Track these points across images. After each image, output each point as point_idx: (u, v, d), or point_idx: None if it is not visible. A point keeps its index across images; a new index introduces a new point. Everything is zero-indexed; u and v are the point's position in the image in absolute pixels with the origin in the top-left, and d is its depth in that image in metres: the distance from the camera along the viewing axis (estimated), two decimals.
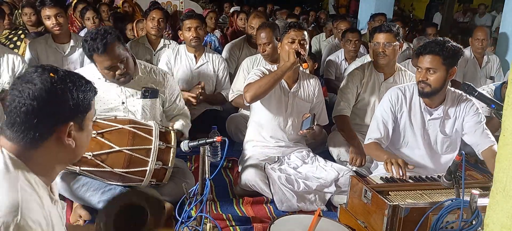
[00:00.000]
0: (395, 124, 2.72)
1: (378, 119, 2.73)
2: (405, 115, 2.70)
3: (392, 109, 2.70)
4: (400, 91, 2.71)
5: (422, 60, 2.54)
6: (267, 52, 3.61)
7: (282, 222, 2.24)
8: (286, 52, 2.80)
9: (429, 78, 2.52)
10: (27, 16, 4.69)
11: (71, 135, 1.25)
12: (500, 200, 1.19)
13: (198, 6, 8.63)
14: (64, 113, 1.23)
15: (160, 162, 2.37)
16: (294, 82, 2.95)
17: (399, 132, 2.74)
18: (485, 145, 2.60)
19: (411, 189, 2.25)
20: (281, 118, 2.94)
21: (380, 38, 3.23)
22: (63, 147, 1.24)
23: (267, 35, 3.59)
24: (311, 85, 3.01)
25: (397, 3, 11.60)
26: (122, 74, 2.55)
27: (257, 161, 2.84)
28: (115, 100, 2.66)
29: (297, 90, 2.95)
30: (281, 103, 2.92)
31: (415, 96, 2.69)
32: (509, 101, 1.19)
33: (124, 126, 2.36)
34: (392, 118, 2.70)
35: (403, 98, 2.70)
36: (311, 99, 2.99)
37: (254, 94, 2.72)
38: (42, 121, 1.19)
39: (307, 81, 3.01)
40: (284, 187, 2.64)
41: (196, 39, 3.74)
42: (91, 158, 2.25)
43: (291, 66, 2.76)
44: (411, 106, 2.69)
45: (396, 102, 2.70)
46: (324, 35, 6.60)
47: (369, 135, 2.73)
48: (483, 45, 4.76)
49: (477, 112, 2.64)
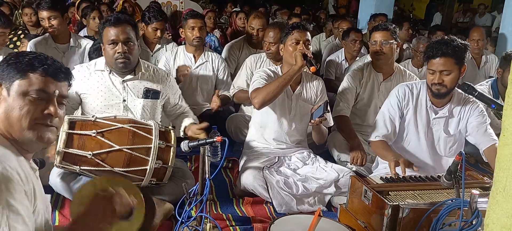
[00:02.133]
0: (401, 120, 2.73)
1: (385, 115, 2.73)
2: (411, 112, 2.71)
3: (399, 105, 2.70)
4: (408, 88, 2.72)
5: (434, 63, 2.51)
6: (272, 51, 3.60)
7: (282, 222, 2.23)
8: (291, 54, 2.78)
9: (444, 80, 2.51)
10: (27, 17, 4.70)
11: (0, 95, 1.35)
12: (500, 200, 1.18)
13: (198, 6, 8.62)
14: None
15: (160, 161, 2.37)
16: (297, 84, 2.93)
17: (403, 128, 2.74)
18: (487, 143, 2.60)
19: (411, 189, 2.25)
20: (284, 120, 2.93)
21: (377, 36, 3.25)
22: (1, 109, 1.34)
23: (275, 35, 3.57)
24: (314, 86, 2.98)
25: (397, 3, 11.60)
26: (122, 53, 2.55)
27: (256, 164, 2.82)
28: (117, 97, 2.66)
29: (300, 92, 2.93)
30: (284, 106, 2.90)
31: (422, 94, 2.70)
32: (509, 101, 1.18)
33: (124, 125, 2.36)
34: (399, 114, 2.71)
35: (410, 94, 2.70)
36: (313, 101, 2.97)
37: (263, 100, 2.70)
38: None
39: (310, 83, 2.98)
40: (282, 191, 2.64)
41: (199, 39, 3.75)
42: (91, 157, 2.26)
43: (299, 70, 2.74)
44: (417, 104, 2.70)
45: (403, 98, 2.70)
46: (324, 35, 6.60)
47: (377, 132, 2.72)
48: (479, 46, 4.76)
49: (482, 114, 2.65)
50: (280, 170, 2.84)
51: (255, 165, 2.80)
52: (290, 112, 2.92)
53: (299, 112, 2.94)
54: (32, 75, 1.35)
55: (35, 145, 1.38)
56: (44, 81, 1.36)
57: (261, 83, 2.78)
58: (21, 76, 1.34)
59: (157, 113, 2.80)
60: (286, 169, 2.86)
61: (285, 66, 2.91)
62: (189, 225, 2.20)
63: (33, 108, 1.34)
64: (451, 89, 2.57)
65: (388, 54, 3.25)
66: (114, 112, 2.60)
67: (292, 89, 2.91)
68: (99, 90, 2.64)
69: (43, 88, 1.36)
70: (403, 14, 12.51)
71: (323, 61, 5.42)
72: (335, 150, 3.25)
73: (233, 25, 6.46)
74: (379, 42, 3.23)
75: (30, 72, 1.35)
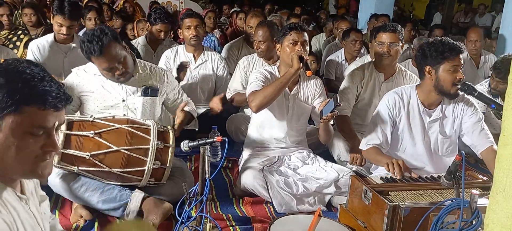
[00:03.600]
0: (393, 129, 2.70)
1: (376, 124, 2.70)
2: (403, 119, 2.67)
3: (390, 115, 2.66)
4: (397, 95, 2.68)
5: (458, 60, 2.50)
6: (261, 50, 3.63)
7: (282, 222, 2.23)
8: (288, 55, 2.78)
9: (462, 76, 2.52)
10: (27, 17, 4.69)
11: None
12: (500, 200, 1.18)
13: (198, 6, 8.63)
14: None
15: (158, 162, 2.37)
16: (294, 84, 2.92)
17: (398, 136, 2.71)
18: (483, 146, 2.59)
19: (411, 189, 2.25)
20: (283, 121, 2.92)
21: (384, 38, 3.22)
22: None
23: (264, 33, 3.61)
24: (311, 86, 2.97)
25: (397, 3, 11.60)
26: (121, 73, 2.55)
27: (256, 163, 2.82)
28: (116, 98, 2.66)
29: (297, 93, 2.93)
30: (282, 107, 2.90)
31: (413, 99, 2.66)
32: (509, 101, 1.18)
33: (122, 126, 2.35)
34: (390, 123, 2.67)
35: (400, 102, 2.66)
36: (311, 101, 2.96)
37: (260, 104, 2.70)
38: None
39: (307, 82, 2.97)
40: (282, 191, 2.63)
41: (196, 37, 3.76)
42: (89, 158, 2.25)
43: (296, 73, 2.74)
44: (409, 110, 2.67)
45: (394, 106, 2.66)
46: (324, 35, 6.60)
47: (368, 141, 2.71)
48: (476, 46, 4.73)
49: (475, 112, 2.64)
50: (280, 170, 2.84)
51: (255, 165, 2.80)
52: (287, 112, 2.92)
53: (296, 112, 2.94)
54: (28, 109, 1.11)
55: (30, 179, 1.27)
56: (43, 115, 1.14)
57: (258, 86, 2.78)
58: (15, 110, 1.09)
59: (157, 111, 2.80)
60: (286, 168, 2.86)
61: (282, 66, 2.90)
62: (189, 225, 2.20)
63: (31, 148, 1.14)
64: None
65: (394, 56, 3.25)
66: (114, 112, 2.60)
67: (289, 90, 2.90)
68: (98, 92, 2.64)
69: (42, 124, 1.14)
70: (403, 14, 12.52)
71: (323, 61, 5.42)
72: (335, 149, 3.25)
73: (233, 25, 6.47)
74: (387, 44, 3.21)
75: (25, 106, 1.10)
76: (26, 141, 1.13)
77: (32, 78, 1.12)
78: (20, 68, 1.13)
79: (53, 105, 1.14)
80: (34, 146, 1.15)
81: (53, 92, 1.14)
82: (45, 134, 1.16)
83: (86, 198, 2.36)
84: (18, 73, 1.12)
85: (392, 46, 3.20)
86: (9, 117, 1.10)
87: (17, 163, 1.14)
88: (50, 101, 1.13)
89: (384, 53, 3.21)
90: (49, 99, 1.13)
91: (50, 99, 1.13)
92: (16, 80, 1.10)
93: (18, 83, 1.10)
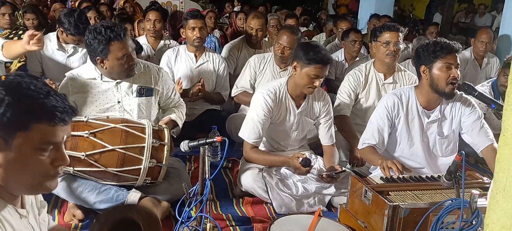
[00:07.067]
0: (392, 130, 2.70)
1: (373, 125, 2.69)
2: (402, 121, 2.66)
3: (388, 116, 2.65)
4: (396, 97, 2.67)
5: (451, 59, 2.49)
6: (285, 55, 3.55)
7: (282, 222, 2.24)
8: (302, 78, 2.67)
9: (458, 75, 2.52)
10: (29, 21, 4.73)
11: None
12: (500, 200, 1.18)
13: (198, 6, 8.62)
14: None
15: (154, 160, 2.36)
16: (302, 99, 2.86)
17: (395, 139, 2.71)
18: (484, 144, 2.59)
19: (411, 189, 2.25)
20: (286, 133, 2.91)
21: (389, 37, 3.23)
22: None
23: (290, 40, 3.52)
24: (319, 103, 2.90)
25: (397, 3, 11.60)
26: (132, 64, 2.57)
27: (255, 165, 2.80)
28: (111, 100, 2.66)
29: (304, 109, 2.87)
30: (288, 122, 2.87)
31: (411, 100, 2.66)
32: (509, 101, 1.18)
33: (116, 125, 2.35)
34: (388, 125, 2.66)
35: (399, 103, 2.65)
36: (315, 117, 2.94)
37: (252, 161, 2.78)
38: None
39: (315, 98, 2.90)
40: (282, 192, 2.63)
41: (199, 39, 3.75)
42: (84, 158, 2.24)
43: (295, 168, 2.72)
44: (408, 111, 2.66)
45: (393, 108, 2.65)
46: (324, 35, 6.60)
47: (364, 140, 2.71)
48: (486, 48, 4.69)
49: (474, 110, 2.64)
50: (279, 171, 2.83)
51: (254, 166, 2.80)
52: (292, 127, 2.90)
53: (301, 127, 2.93)
54: (37, 126, 1.10)
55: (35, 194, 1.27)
56: (52, 131, 1.12)
57: (266, 109, 2.73)
58: (23, 128, 1.09)
59: (153, 110, 2.80)
60: (286, 169, 2.85)
61: (291, 82, 2.81)
62: (189, 225, 2.20)
63: (41, 163, 1.13)
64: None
65: (397, 55, 3.26)
66: (110, 115, 2.59)
67: (297, 106, 2.85)
68: (93, 95, 2.64)
69: (52, 140, 1.13)
70: (403, 14, 12.52)
71: None
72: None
73: (233, 25, 6.47)
74: (393, 43, 3.21)
75: (34, 123, 1.10)
76: (36, 157, 1.12)
77: (37, 94, 1.11)
78: (23, 85, 1.11)
79: (61, 120, 1.13)
80: (44, 162, 1.14)
81: (60, 106, 1.13)
82: (54, 149, 1.16)
83: (84, 198, 2.36)
84: (23, 90, 1.10)
85: (397, 45, 3.21)
86: (18, 135, 1.09)
87: (26, 179, 1.14)
88: (59, 117, 1.13)
89: (391, 52, 3.21)
90: (57, 114, 1.12)
91: (59, 114, 1.13)
92: (22, 98, 1.09)
93: (26, 100, 1.09)
